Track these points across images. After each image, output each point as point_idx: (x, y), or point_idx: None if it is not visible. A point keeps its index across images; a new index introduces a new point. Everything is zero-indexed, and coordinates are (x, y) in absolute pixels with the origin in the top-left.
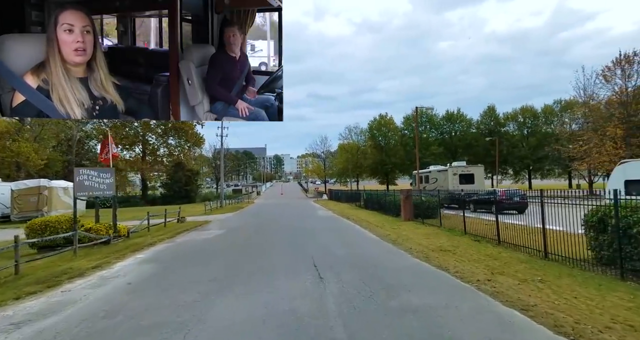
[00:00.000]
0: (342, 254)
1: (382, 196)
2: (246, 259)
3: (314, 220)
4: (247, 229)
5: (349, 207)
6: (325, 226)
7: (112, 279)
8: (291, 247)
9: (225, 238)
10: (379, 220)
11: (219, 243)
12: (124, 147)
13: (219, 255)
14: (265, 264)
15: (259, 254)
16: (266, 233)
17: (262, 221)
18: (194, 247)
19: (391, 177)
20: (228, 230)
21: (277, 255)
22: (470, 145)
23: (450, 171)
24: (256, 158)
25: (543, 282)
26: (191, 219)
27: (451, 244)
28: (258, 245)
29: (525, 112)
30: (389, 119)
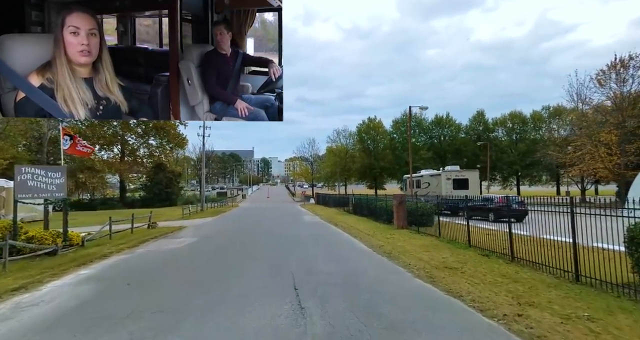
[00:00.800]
0: (329, 271)
1: (372, 201)
2: (211, 279)
3: (298, 227)
4: (223, 237)
5: (336, 212)
6: (311, 234)
7: (28, 309)
8: (270, 261)
9: (194, 249)
10: (369, 227)
11: (184, 256)
12: (101, 146)
13: (179, 273)
14: (233, 287)
15: (229, 270)
16: (244, 242)
17: (242, 227)
18: (153, 261)
19: (380, 181)
20: (201, 239)
21: (250, 272)
22: (459, 150)
23: (444, 175)
24: (243, 161)
25: (593, 321)
26: (165, 224)
27: (456, 260)
28: (231, 258)
29: (514, 117)
30: (378, 122)
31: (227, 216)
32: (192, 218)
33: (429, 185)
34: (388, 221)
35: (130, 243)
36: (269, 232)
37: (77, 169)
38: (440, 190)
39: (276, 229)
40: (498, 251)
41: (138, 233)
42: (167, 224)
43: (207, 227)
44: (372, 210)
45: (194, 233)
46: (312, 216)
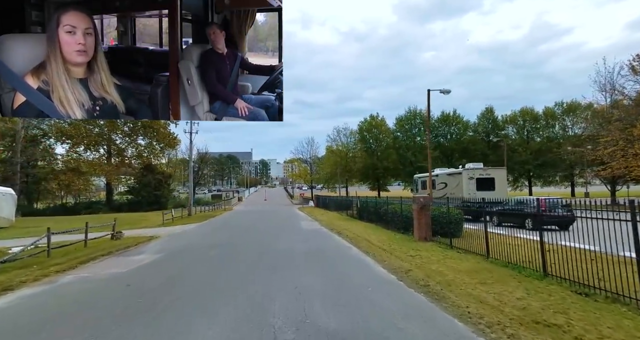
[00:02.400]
0: (336, 328)
1: (381, 204)
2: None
3: (294, 237)
4: (195, 253)
5: (338, 217)
6: (309, 248)
7: None
8: (244, 300)
9: (147, 273)
10: (382, 238)
11: (125, 288)
12: (86, 147)
13: (96, 327)
14: None
15: (174, 321)
16: (219, 261)
17: (225, 238)
18: (71, 301)
19: (383, 182)
20: (166, 255)
21: (207, 324)
22: (467, 149)
23: (466, 174)
24: (241, 162)
25: None
26: (136, 233)
27: (543, 304)
28: (188, 292)
29: (525, 114)
30: (381, 120)
31: (214, 222)
32: (175, 224)
33: (446, 186)
34: (404, 230)
35: (67, 263)
36: (255, 244)
37: (59, 171)
38: (460, 192)
39: (266, 240)
40: (599, 286)
41: (93, 246)
42: (140, 232)
43: (183, 238)
44: (382, 216)
45: (162, 247)
46: (310, 221)
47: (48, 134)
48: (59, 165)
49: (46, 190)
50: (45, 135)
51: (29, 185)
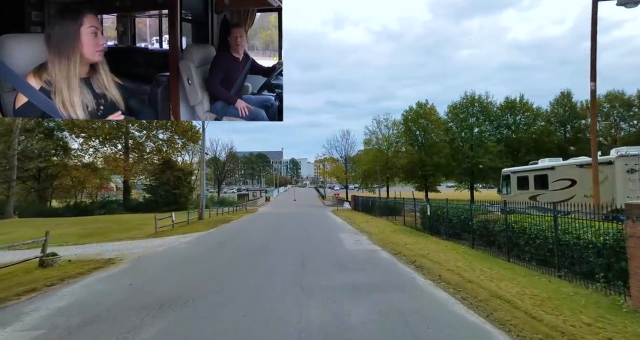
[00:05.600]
0: None
1: (478, 213)
2: None
3: (334, 278)
4: (139, 311)
5: (391, 226)
6: (373, 320)
7: None
8: None
9: None
10: (541, 296)
11: None
12: (102, 141)
13: None
14: None
15: None
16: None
17: (221, 262)
18: None
19: (432, 182)
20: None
21: None
22: (539, 141)
23: (620, 163)
24: (272, 162)
25: None
26: (93, 252)
27: None
28: None
29: (613, 99)
30: (430, 107)
31: (221, 233)
32: (171, 233)
33: (574, 184)
34: (539, 260)
35: None
36: (252, 305)
37: (72, 167)
38: (610, 192)
39: (279, 283)
40: None
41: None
42: (103, 250)
43: (150, 268)
44: (494, 236)
45: (66, 304)
46: (355, 234)
47: (62, 127)
48: (73, 160)
49: (61, 188)
50: (60, 128)
51: (41, 183)
